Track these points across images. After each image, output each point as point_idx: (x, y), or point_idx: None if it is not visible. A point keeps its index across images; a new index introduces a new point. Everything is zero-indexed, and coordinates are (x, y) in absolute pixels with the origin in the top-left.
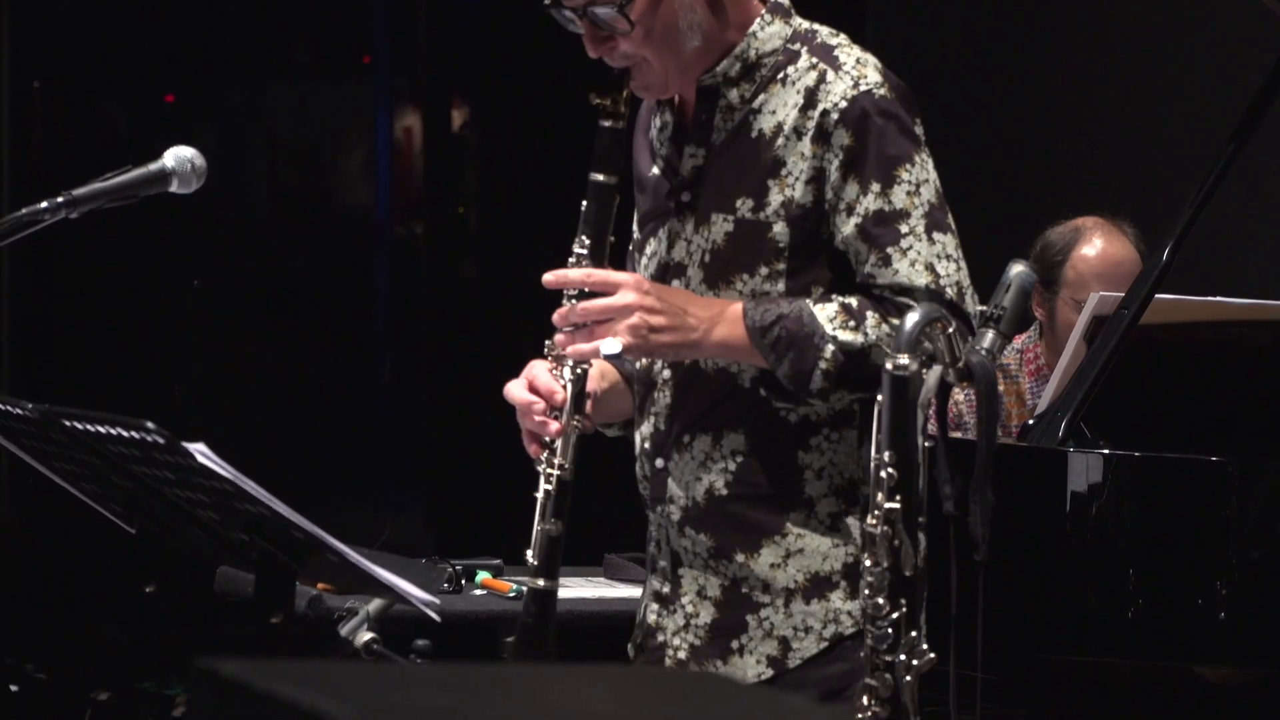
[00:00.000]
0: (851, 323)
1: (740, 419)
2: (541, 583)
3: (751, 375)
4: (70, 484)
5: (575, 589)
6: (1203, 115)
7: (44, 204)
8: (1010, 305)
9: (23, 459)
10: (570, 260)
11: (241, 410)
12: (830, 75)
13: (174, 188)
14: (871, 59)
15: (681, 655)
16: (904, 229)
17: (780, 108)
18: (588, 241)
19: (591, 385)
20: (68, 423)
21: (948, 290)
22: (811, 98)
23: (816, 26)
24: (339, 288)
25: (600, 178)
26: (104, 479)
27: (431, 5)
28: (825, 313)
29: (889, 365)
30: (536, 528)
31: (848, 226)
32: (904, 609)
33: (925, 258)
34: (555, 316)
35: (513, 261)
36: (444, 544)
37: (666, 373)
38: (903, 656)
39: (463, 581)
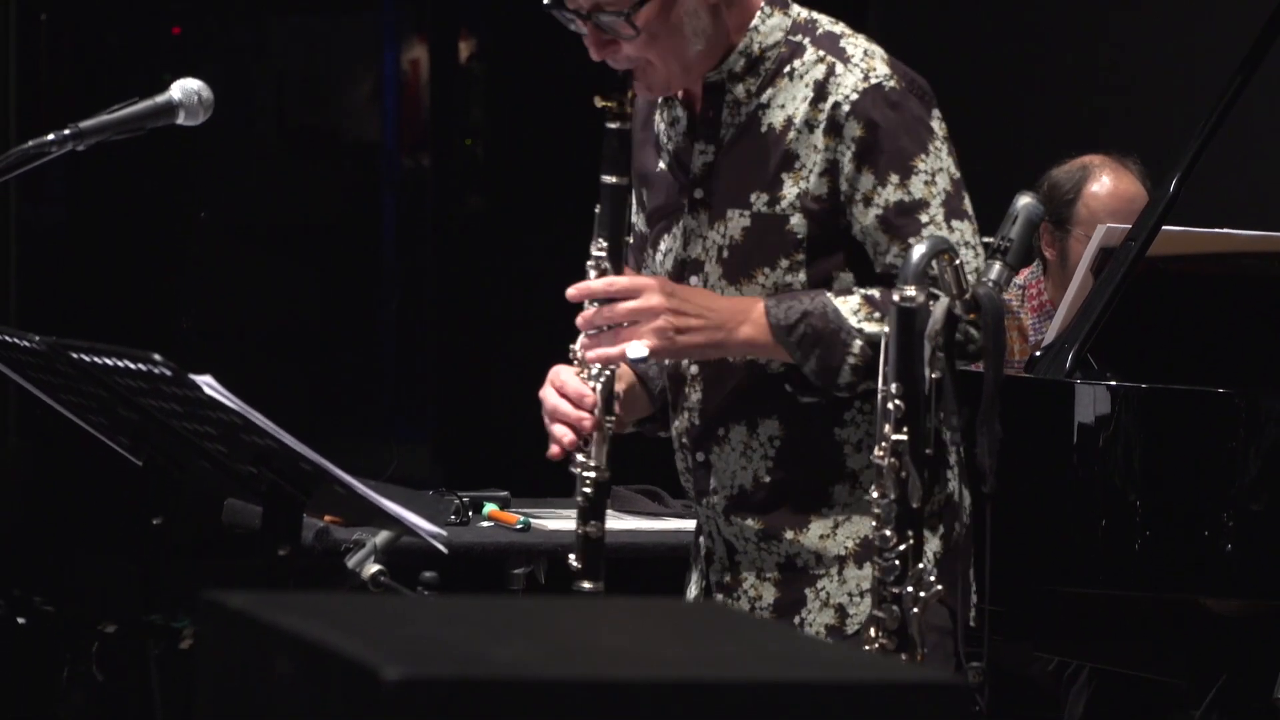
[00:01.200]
0: (876, 314)
1: (773, 405)
2: (588, 585)
3: (777, 367)
4: (77, 416)
5: None
6: (1210, 46)
7: (51, 136)
8: (1017, 237)
9: (30, 391)
10: (589, 264)
11: (248, 343)
12: (839, 68)
13: (181, 120)
14: (879, 50)
15: None
16: (924, 219)
17: (789, 102)
18: (605, 244)
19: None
20: (75, 355)
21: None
22: (821, 90)
23: (815, 15)
24: (346, 221)
25: (612, 180)
26: (111, 411)
27: None
28: (849, 305)
29: (896, 297)
30: (578, 531)
31: (867, 217)
32: (911, 541)
33: None
34: (579, 320)
35: (520, 194)
36: (451, 476)
37: (694, 369)
38: (910, 588)
39: (470, 513)
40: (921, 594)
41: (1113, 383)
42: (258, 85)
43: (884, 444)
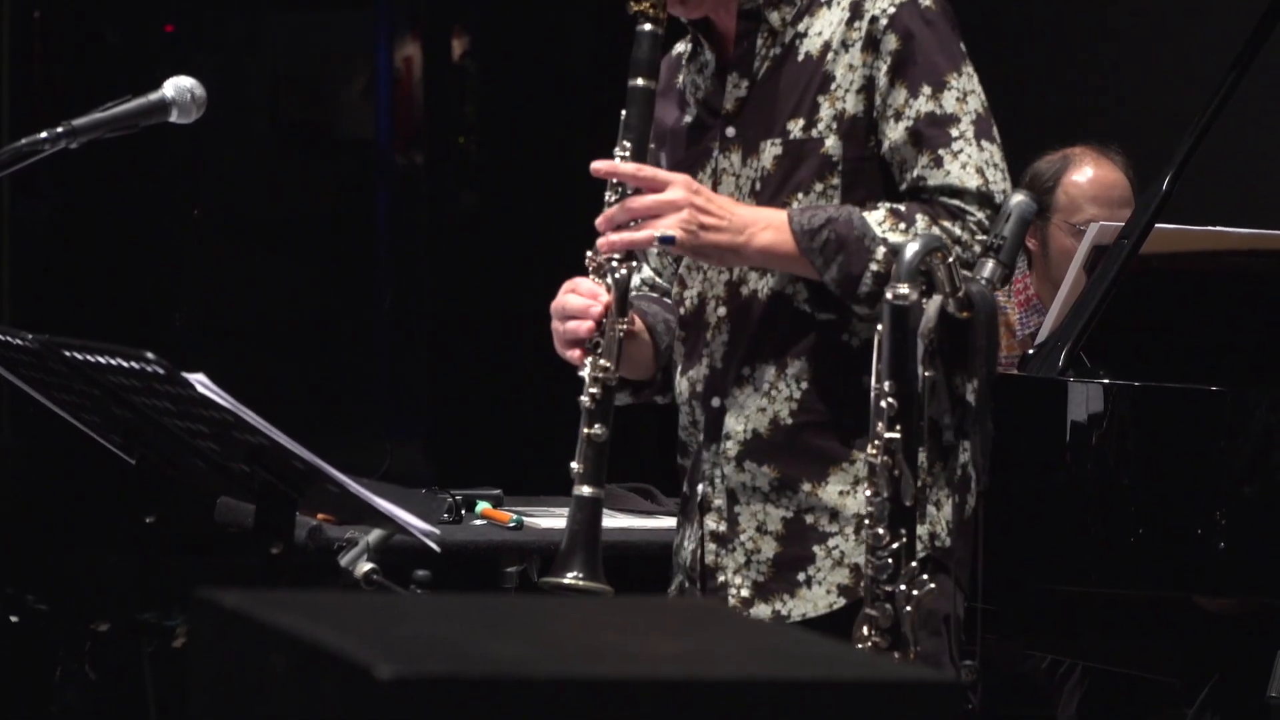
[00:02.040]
0: (902, 225)
1: (802, 346)
2: (588, 490)
3: (804, 297)
4: (70, 414)
5: None
6: (1203, 44)
7: (44, 134)
8: (1011, 235)
9: (23, 389)
10: (616, 160)
11: (241, 340)
12: None
13: (174, 118)
14: None
15: (745, 593)
16: (954, 132)
17: (825, 28)
18: (629, 146)
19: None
20: (68, 353)
21: (996, 195)
22: (857, 9)
23: None
24: (339, 217)
25: (640, 82)
26: (104, 409)
27: None
28: (874, 216)
29: (889, 294)
30: (582, 432)
31: (897, 131)
32: (904, 539)
33: (976, 162)
34: (599, 220)
35: (513, 191)
36: (444, 474)
37: (721, 310)
38: (903, 587)
39: (463, 511)
40: (915, 591)
41: (1106, 381)
42: (251, 82)
43: (877, 442)
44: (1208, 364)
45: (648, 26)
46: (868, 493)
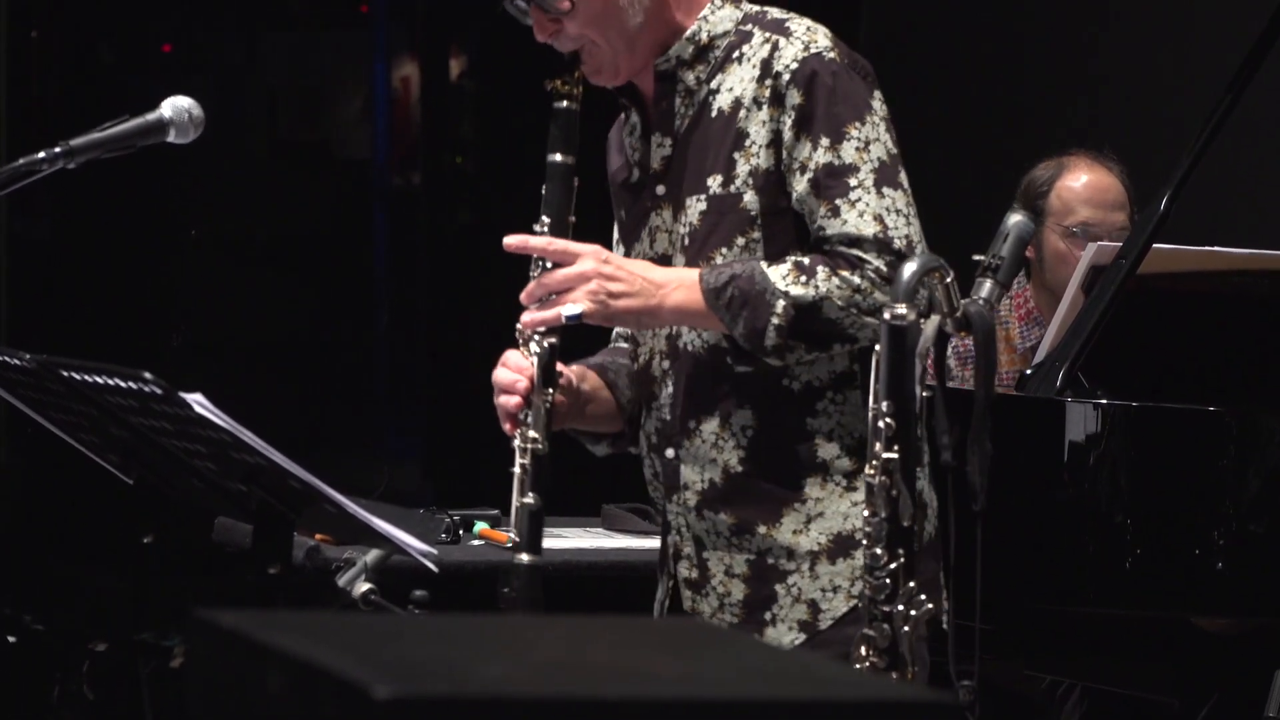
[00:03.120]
0: (803, 277)
1: (745, 396)
2: (526, 558)
3: (727, 350)
4: (68, 434)
5: (573, 539)
6: (1201, 64)
7: (41, 154)
8: (1008, 254)
9: (21, 409)
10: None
11: (239, 360)
12: (782, 42)
13: (171, 137)
14: (822, 29)
15: None
16: (853, 182)
17: (737, 84)
18: (548, 221)
19: (574, 378)
20: (65, 373)
21: (896, 241)
22: (766, 67)
23: (767, 8)
24: (337, 237)
25: (558, 158)
26: (102, 429)
27: None
28: (778, 271)
29: (887, 315)
30: (515, 503)
31: (801, 184)
32: (902, 559)
33: (874, 209)
34: (523, 296)
35: (510, 211)
36: (442, 494)
37: (665, 364)
38: (900, 607)
39: (460, 532)
40: (912, 612)
41: (1103, 401)
42: (248, 101)
43: (875, 462)
44: (1206, 384)
45: (564, 104)
46: (865, 513)
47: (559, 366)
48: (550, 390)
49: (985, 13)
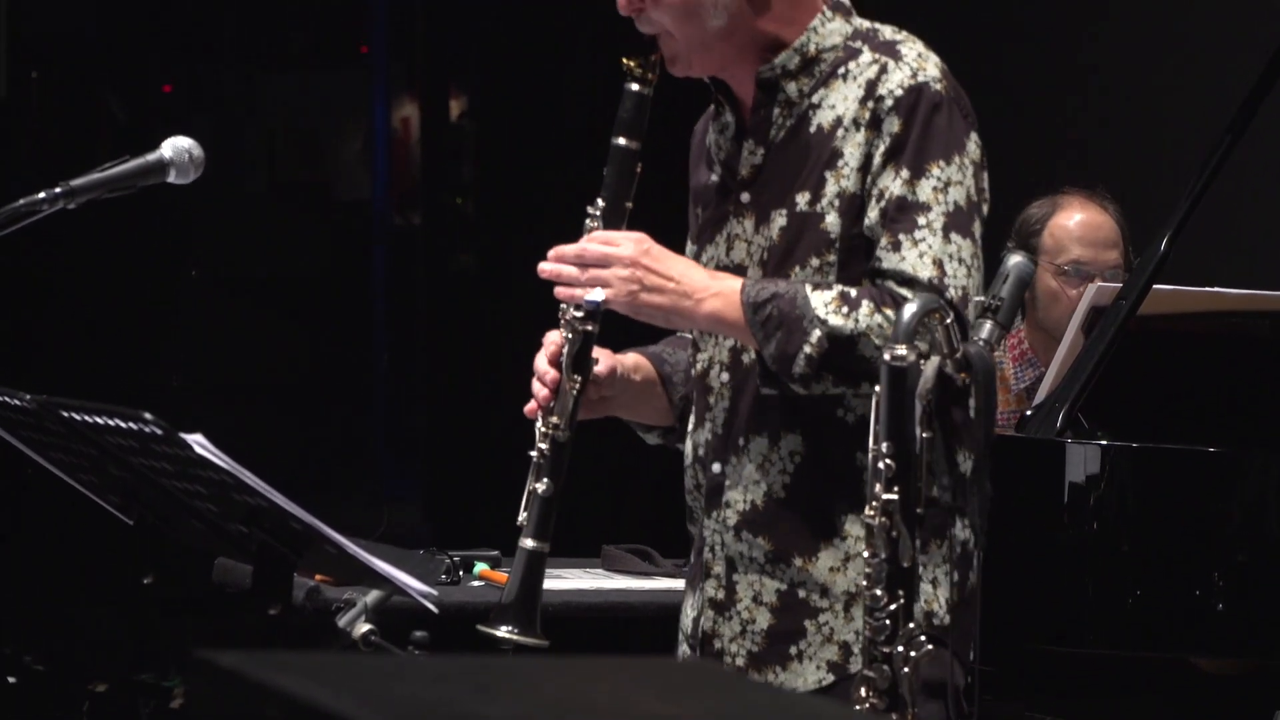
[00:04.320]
0: (845, 309)
1: (797, 421)
2: (530, 543)
3: (760, 371)
4: (68, 475)
5: (572, 580)
6: (1200, 106)
7: (42, 194)
8: (1009, 295)
9: (21, 450)
10: (586, 222)
11: (239, 401)
12: (891, 66)
13: (172, 178)
14: (934, 57)
15: (740, 662)
16: (921, 220)
17: (840, 102)
18: (602, 204)
19: (613, 365)
20: (65, 413)
21: (951, 289)
22: (871, 89)
23: (879, 25)
24: (336, 278)
25: (622, 142)
26: (102, 470)
27: None
28: (822, 297)
29: (887, 356)
30: (529, 487)
31: (873, 212)
32: (902, 600)
33: (936, 253)
34: (544, 269)
35: (510, 252)
36: (442, 535)
37: (724, 376)
38: (900, 648)
39: (460, 573)
40: (913, 653)
41: (1104, 442)
42: (249, 142)
43: (875, 503)
44: (1206, 425)
45: (634, 86)
46: (865, 554)
47: (600, 354)
48: (579, 378)
49: (981, 49)
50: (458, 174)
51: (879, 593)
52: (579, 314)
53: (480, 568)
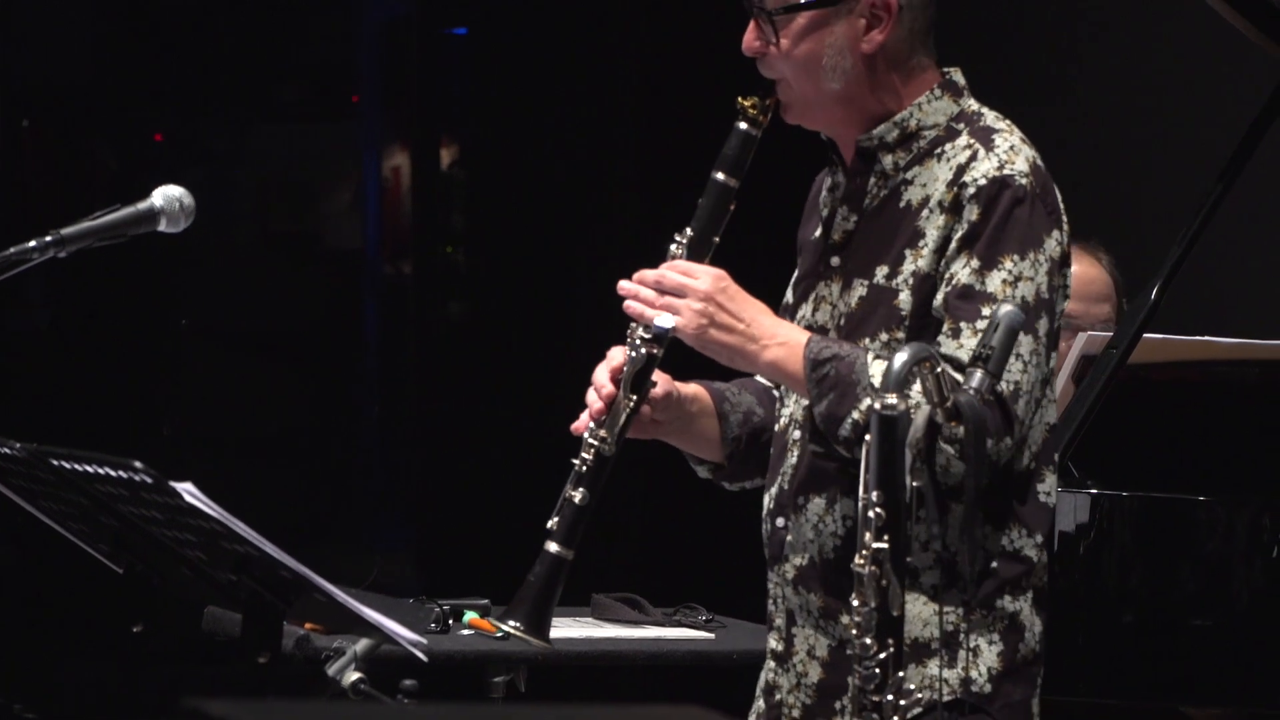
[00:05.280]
0: None
1: (852, 485)
2: (555, 548)
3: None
4: (58, 523)
5: (562, 629)
6: (1192, 154)
7: (33, 243)
8: (999, 345)
9: (11, 499)
10: (671, 248)
11: (230, 450)
12: (981, 154)
13: (162, 227)
14: (1028, 150)
15: (795, 714)
16: (985, 311)
17: (930, 182)
18: (690, 234)
19: (669, 390)
20: (55, 462)
21: (1004, 383)
22: (959, 174)
23: (985, 110)
24: (328, 328)
25: (720, 177)
26: (92, 518)
27: (420, 44)
28: (880, 366)
29: (877, 405)
30: (565, 492)
31: (940, 295)
32: (891, 649)
33: None
34: (623, 286)
35: (501, 302)
36: (431, 584)
37: (797, 433)
38: (890, 697)
39: (450, 621)
40: (901, 702)
41: (1094, 491)
42: (239, 191)
43: (865, 552)
44: (1197, 474)
45: (744, 125)
46: (855, 602)
47: (658, 377)
48: (634, 397)
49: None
50: (449, 223)
51: (868, 641)
52: (646, 335)
53: (470, 616)
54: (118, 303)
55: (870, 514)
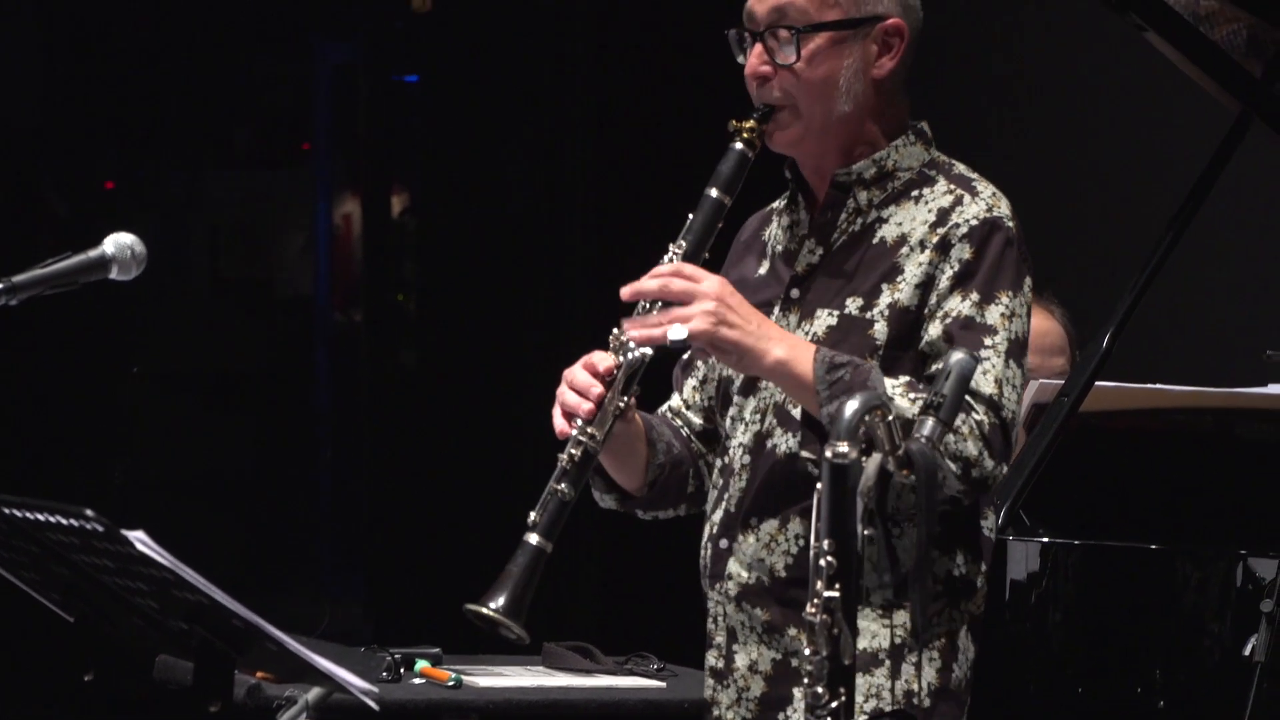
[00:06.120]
0: (911, 395)
1: (805, 506)
2: (536, 539)
3: (811, 460)
4: (8, 572)
5: (513, 678)
6: (1141, 202)
7: None
8: (950, 393)
9: None
10: (665, 258)
11: (181, 497)
12: (967, 199)
13: (114, 274)
14: (1006, 200)
15: None
16: (988, 341)
17: (908, 221)
18: (684, 245)
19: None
20: (6, 510)
21: (1005, 409)
22: (944, 216)
23: (954, 160)
24: (279, 374)
25: (714, 193)
26: (43, 567)
27: (371, 92)
28: (891, 380)
29: (829, 453)
30: (550, 486)
31: (935, 329)
32: (843, 698)
33: (998, 373)
34: (625, 291)
35: (452, 349)
36: (383, 632)
37: (746, 458)
38: None
39: (401, 670)
40: None
41: (1045, 539)
42: (191, 238)
43: (816, 600)
44: (1148, 522)
45: (739, 146)
46: (807, 651)
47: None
48: (625, 398)
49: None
50: (399, 271)
51: (820, 690)
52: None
53: (421, 665)
54: (69, 349)
55: (822, 562)
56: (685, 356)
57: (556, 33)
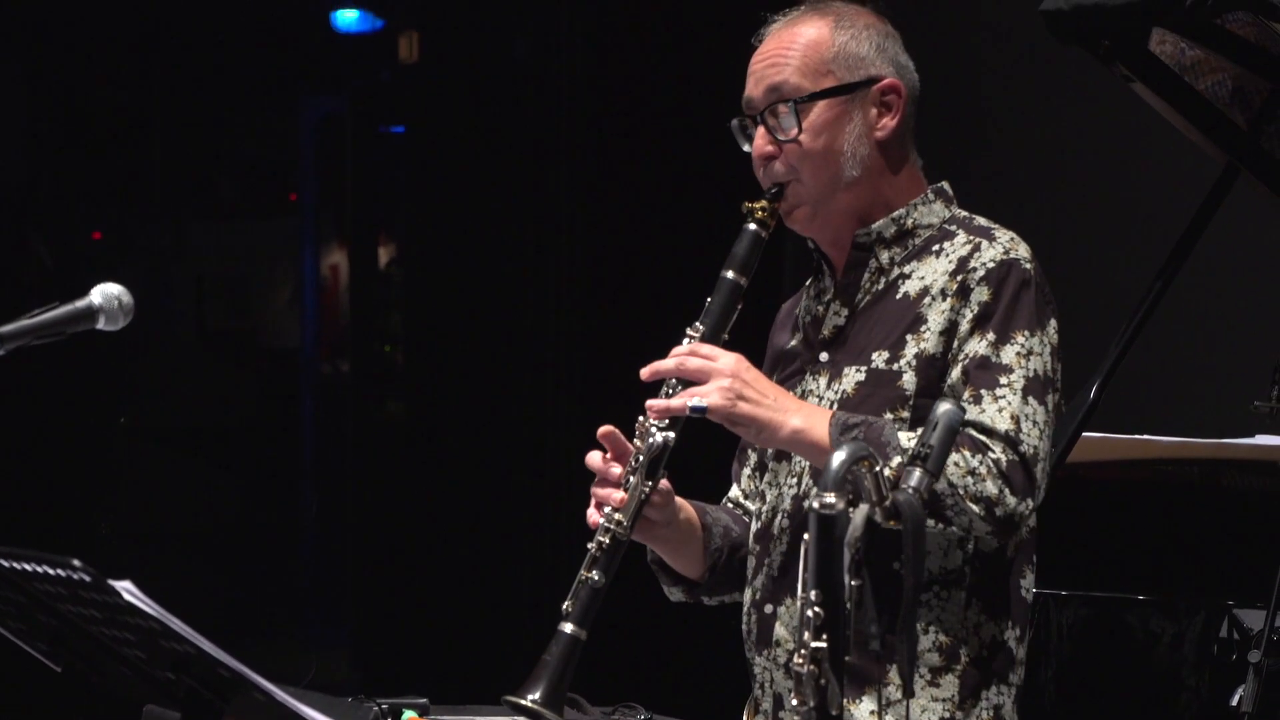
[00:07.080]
0: None
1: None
2: (570, 628)
3: None
4: None
5: None
6: (1128, 252)
7: None
8: (938, 444)
9: None
10: (683, 341)
11: (168, 547)
12: (985, 245)
13: (101, 325)
14: (1025, 244)
15: None
16: (1003, 380)
17: (930, 274)
18: (701, 329)
19: (670, 488)
20: None
21: (1025, 444)
22: (963, 264)
23: (973, 215)
24: (265, 425)
25: (730, 275)
26: (30, 617)
27: (357, 143)
28: (907, 433)
29: (815, 504)
30: (580, 575)
31: (955, 371)
32: None
33: (1014, 410)
34: (645, 372)
35: (438, 400)
36: (370, 682)
37: (785, 522)
38: None
39: None
40: None
41: (1034, 590)
42: (178, 289)
43: (804, 651)
44: (1136, 573)
45: (753, 226)
46: (794, 702)
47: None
48: (650, 483)
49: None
50: (386, 322)
51: None
52: (660, 424)
53: (408, 715)
54: (55, 400)
55: (809, 613)
56: (739, 448)
57: (542, 85)
